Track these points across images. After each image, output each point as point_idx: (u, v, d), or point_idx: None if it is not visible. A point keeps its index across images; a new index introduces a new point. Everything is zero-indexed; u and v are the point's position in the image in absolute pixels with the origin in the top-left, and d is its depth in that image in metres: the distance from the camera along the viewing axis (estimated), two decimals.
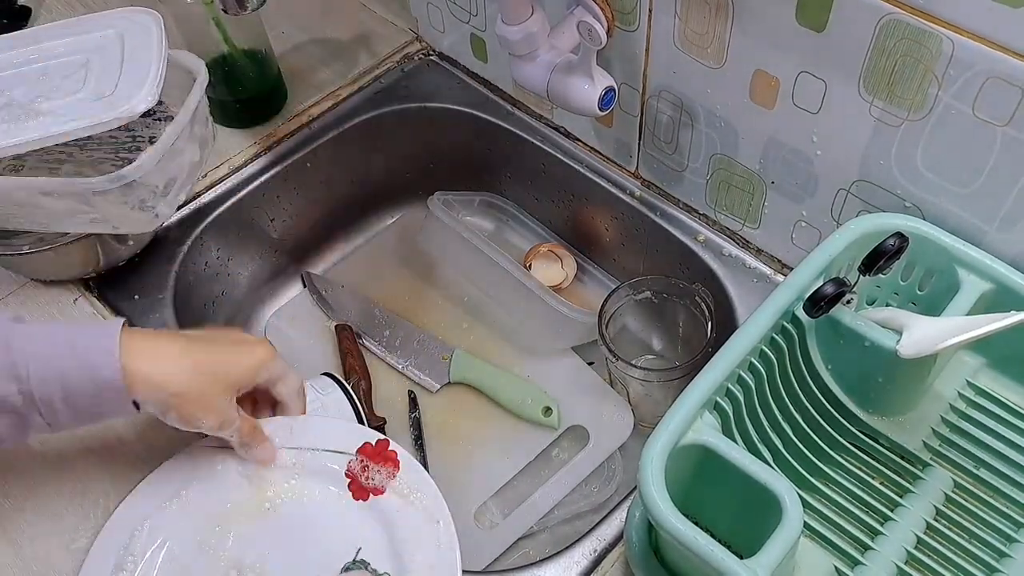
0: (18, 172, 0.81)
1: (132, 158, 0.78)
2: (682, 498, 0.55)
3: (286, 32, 1.08)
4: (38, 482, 0.73)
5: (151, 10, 0.81)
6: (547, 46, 0.79)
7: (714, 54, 0.74)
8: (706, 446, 0.58)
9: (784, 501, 0.54)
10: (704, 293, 0.84)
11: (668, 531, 0.54)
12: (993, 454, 0.64)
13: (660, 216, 0.90)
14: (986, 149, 0.62)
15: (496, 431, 0.93)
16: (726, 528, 0.61)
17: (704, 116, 0.79)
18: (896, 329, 0.62)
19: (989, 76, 0.58)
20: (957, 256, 0.66)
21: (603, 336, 0.84)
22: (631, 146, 0.90)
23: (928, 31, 0.59)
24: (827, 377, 0.67)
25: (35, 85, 0.77)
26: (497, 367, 0.96)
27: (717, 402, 0.61)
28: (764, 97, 0.73)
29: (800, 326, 0.65)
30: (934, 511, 0.63)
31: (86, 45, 0.80)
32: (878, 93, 0.65)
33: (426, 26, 1.06)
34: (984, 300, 0.65)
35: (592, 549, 0.70)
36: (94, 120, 0.73)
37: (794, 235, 0.81)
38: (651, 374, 0.86)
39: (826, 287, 0.60)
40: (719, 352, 0.61)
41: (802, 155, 0.74)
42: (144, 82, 0.75)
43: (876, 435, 0.67)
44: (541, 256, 1.04)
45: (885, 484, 0.65)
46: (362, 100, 1.03)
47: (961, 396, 0.68)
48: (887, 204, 0.71)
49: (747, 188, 0.81)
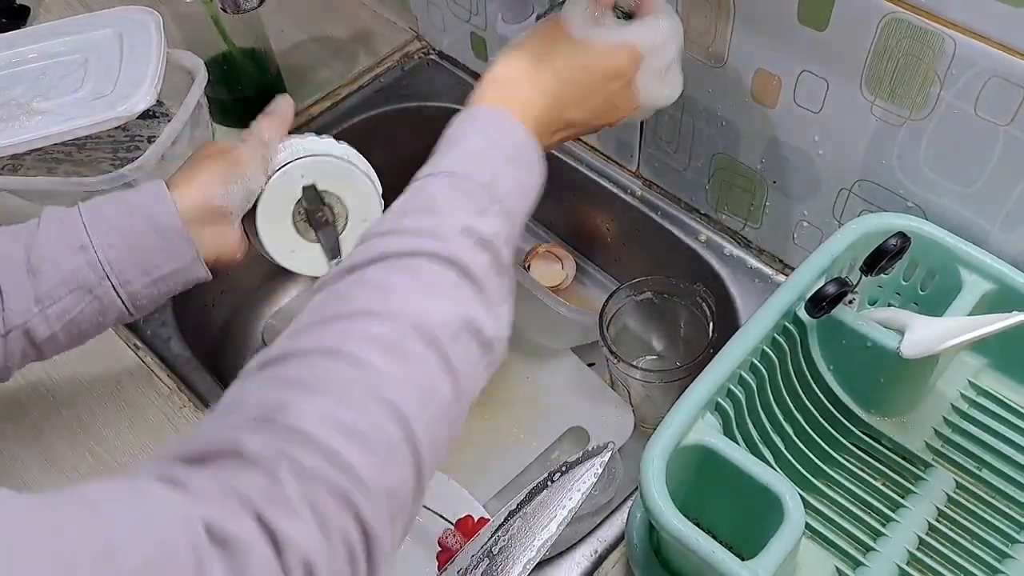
0: (16, 172, 0.81)
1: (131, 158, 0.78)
2: (683, 499, 0.55)
3: (285, 31, 1.08)
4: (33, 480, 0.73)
5: (150, 9, 0.81)
6: None
7: (715, 53, 0.73)
8: (707, 447, 0.57)
9: (785, 502, 0.54)
10: (705, 293, 0.84)
11: (669, 532, 0.54)
12: (995, 454, 0.64)
13: (661, 216, 0.90)
14: (988, 149, 0.62)
15: (495, 432, 0.93)
16: (727, 529, 0.61)
17: (705, 115, 0.79)
18: (898, 329, 0.61)
19: (991, 75, 0.58)
20: (959, 256, 0.66)
21: (604, 337, 0.84)
22: (632, 145, 0.90)
23: (930, 30, 0.59)
24: (829, 378, 0.67)
25: (34, 84, 0.77)
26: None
27: (718, 403, 0.60)
28: (766, 96, 0.73)
29: (802, 326, 0.65)
30: (936, 512, 0.63)
31: (85, 44, 0.79)
32: (880, 92, 0.65)
33: (426, 25, 1.05)
34: (986, 300, 0.65)
35: (593, 550, 0.70)
36: (93, 119, 0.72)
37: (796, 235, 0.81)
38: (652, 375, 0.86)
39: (828, 287, 0.60)
40: (720, 353, 0.61)
41: (804, 154, 0.74)
42: (143, 81, 0.75)
43: (878, 436, 0.67)
44: (540, 257, 1.03)
45: (887, 485, 0.65)
46: (362, 99, 1.02)
47: (963, 396, 0.67)
48: (889, 204, 0.71)
49: (749, 188, 0.81)
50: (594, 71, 0.60)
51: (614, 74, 0.61)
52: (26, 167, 0.82)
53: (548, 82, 0.58)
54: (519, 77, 0.58)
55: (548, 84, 0.58)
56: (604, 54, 0.60)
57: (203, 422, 0.42)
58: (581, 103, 0.60)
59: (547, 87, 0.58)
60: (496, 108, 0.56)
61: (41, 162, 0.82)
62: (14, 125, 0.73)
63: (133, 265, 0.59)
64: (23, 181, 0.77)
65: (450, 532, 0.67)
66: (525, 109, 0.57)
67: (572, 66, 0.59)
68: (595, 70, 0.60)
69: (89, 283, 0.58)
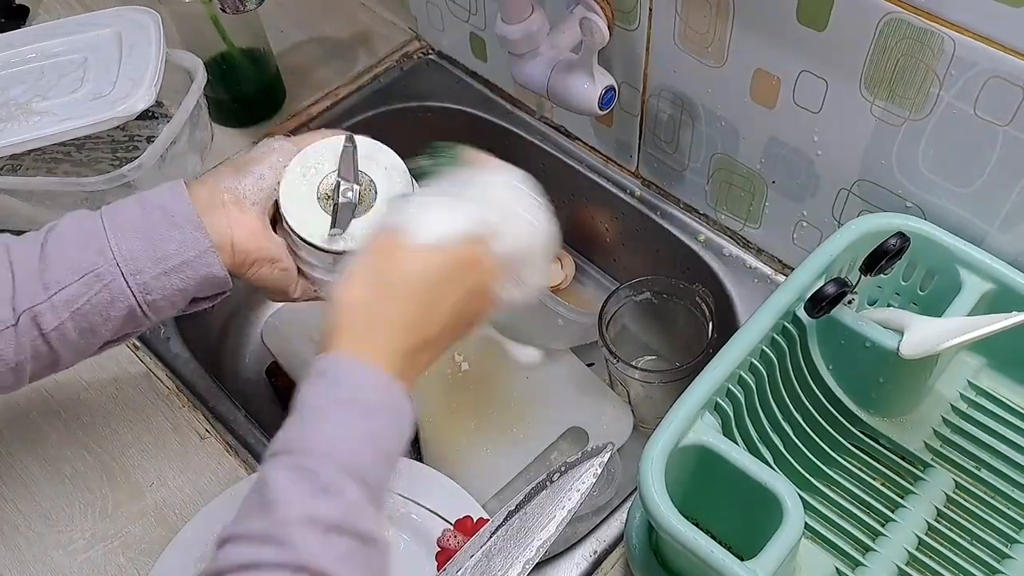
0: (15, 172, 0.81)
1: (130, 158, 0.78)
2: (682, 499, 0.55)
3: (285, 31, 1.08)
4: (32, 481, 0.73)
5: (149, 9, 0.81)
6: (547, 45, 0.78)
7: (715, 53, 0.73)
8: (707, 447, 0.57)
9: (785, 502, 0.54)
10: (705, 293, 0.84)
11: (668, 532, 0.54)
12: (994, 455, 0.64)
13: (660, 216, 0.90)
14: (987, 149, 0.62)
15: (494, 433, 0.93)
16: (727, 529, 0.61)
17: (705, 115, 0.79)
18: (897, 329, 0.61)
19: (990, 75, 0.58)
20: (958, 256, 0.66)
21: (603, 337, 0.84)
22: (631, 145, 0.90)
23: (929, 30, 0.59)
24: (828, 378, 0.67)
25: (33, 84, 0.77)
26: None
27: (718, 403, 0.60)
28: (765, 96, 0.73)
29: (801, 326, 0.65)
30: (935, 512, 0.63)
31: (84, 44, 0.80)
32: (879, 92, 0.65)
33: (425, 25, 1.05)
34: (985, 300, 0.65)
35: (592, 551, 0.70)
36: (92, 119, 0.72)
37: (795, 235, 0.81)
38: (651, 375, 0.86)
39: (827, 287, 0.60)
40: (719, 353, 0.61)
41: (803, 155, 0.74)
42: (142, 81, 0.75)
43: (877, 436, 0.67)
44: None
45: (886, 485, 0.65)
46: (361, 99, 1.02)
47: (962, 396, 0.67)
48: (888, 204, 0.71)
49: (748, 188, 0.81)
50: (439, 278, 0.54)
51: (460, 272, 0.55)
52: (25, 167, 0.82)
53: (400, 304, 0.53)
54: (370, 306, 0.53)
55: (401, 306, 0.53)
56: (442, 253, 0.54)
57: None
58: (439, 315, 0.54)
59: (402, 310, 0.53)
60: (349, 355, 0.51)
61: (40, 162, 0.82)
62: (13, 125, 0.73)
63: (144, 253, 0.57)
64: (22, 181, 0.77)
65: (449, 532, 0.67)
66: (381, 345, 0.52)
67: (419, 280, 0.54)
68: (440, 276, 0.54)
69: (97, 268, 0.56)
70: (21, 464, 0.74)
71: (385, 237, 0.56)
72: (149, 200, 0.59)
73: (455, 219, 0.55)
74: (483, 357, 0.98)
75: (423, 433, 0.93)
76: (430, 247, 0.54)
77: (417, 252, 0.54)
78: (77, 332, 0.57)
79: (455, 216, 0.55)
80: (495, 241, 0.56)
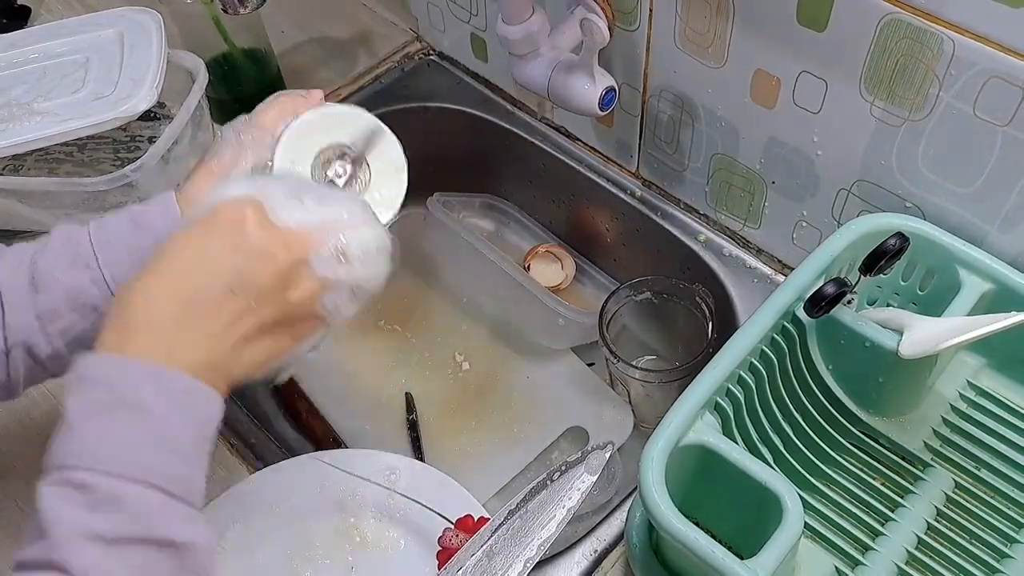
0: (17, 172, 0.81)
1: (132, 158, 0.78)
2: (682, 499, 0.55)
3: (286, 31, 1.08)
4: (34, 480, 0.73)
5: (151, 10, 0.81)
6: (548, 46, 0.78)
7: (715, 54, 0.73)
8: (706, 447, 0.58)
9: (784, 501, 0.54)
10: (704, 293, 0.84)
11: (668, 532, 0.54)
12: (994, 454, 0.64)
13: (661, 216, 0.90)
14: (987, 149, 0.62)
15: (495, 432, 0.93)
16: (726, 529, 0.61)
17: (705, 116, 0.79)
18: (897, 329, 0.62)
19: (990, 76, 0.58)
20: (958, 256, 0.66)
21: (604, 337, 0.84)
22: (631, 146, 0.90)
23: (929, 31, 0.59)
24: (828, 377, 0.67)
25: (35, 85, 0.77)
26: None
27: (717, 402, 0.61)
28: (765, 97, 0.73)
29: (801, 326, 0.65)
30: (935, 511, 0.63)
31: (86, 45, 0.80)
32: (879, 93, 0.65)
33: (426, 26, 1.06)
34: (985, 300, 0.65)
35: (592, 550, 0.70)
36: (93, 120, 0.73)
37: (795, 235, 0.81)
38: (651, 375, 0.86)
39: (827, 287, 0.60)
40: (719, 352, 0.61)
41: (803, 155, 0.74)
42: (144, 82, 0.75)
43: (877, 435, 0.67)
44: (540, 257, 1.04)
45: (886, 484, 0.65)
46: (362, 100, 1.02)
47: (962, 396, 0.68)
48: (888, 204, 0.71)
49: (748, 188, 0.81)
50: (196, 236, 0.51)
51: (221, 228, 0.51)
52: (27, 167, 0.82)
53: (153, 277, 0.49)
54: (130, 291, 0.49)
55: (155, 279, 0.49)
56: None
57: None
58: (203, 275, 0.50)
59: (155, 282, 0.49)
60: (110, 352, 0.47)
61: (42, 162, 0.83)
62: (15, 125, 0.73)
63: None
64: (24, 181, 0.77)
65: (450, 531, 0.67)
66: (141, 332, 0.47)
67: (176, 247, 0.50)
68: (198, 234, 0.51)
69: (93, 301, 0.55)
70: (22, 464, 0.74)
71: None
72: (141, 221, 0.57)
73: (231, 187, 0.53)
74: (484, 357, 0.98)
75: (424, 433, 0.94)
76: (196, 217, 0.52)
77: (184, 226, 0.52)
78: (73, 353, 0.55)
79: (235, 185, 0.53)
80: (272, 206, 0.52)
